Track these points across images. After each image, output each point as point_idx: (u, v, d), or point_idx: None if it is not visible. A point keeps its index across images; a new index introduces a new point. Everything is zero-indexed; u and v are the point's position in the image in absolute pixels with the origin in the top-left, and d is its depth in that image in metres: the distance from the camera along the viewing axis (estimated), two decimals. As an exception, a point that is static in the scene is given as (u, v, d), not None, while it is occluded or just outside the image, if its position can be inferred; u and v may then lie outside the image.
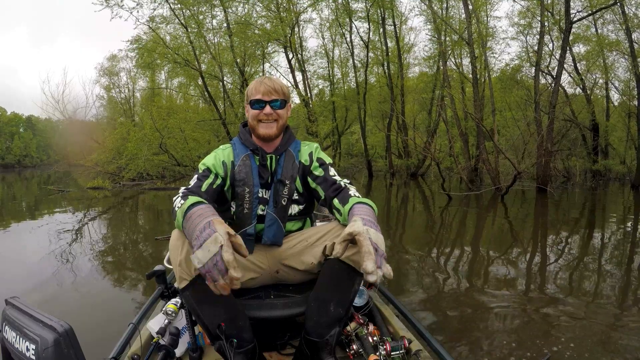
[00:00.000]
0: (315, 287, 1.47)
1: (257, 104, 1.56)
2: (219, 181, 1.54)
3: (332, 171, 1.59)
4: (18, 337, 1.04)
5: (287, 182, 1.57)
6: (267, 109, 1.54)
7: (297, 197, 1.62)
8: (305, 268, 1.56)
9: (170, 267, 1.65)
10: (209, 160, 1.57)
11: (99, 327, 2.51)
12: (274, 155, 1.61)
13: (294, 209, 1.63)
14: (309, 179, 1.61)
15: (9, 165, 53.22)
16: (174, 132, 15.40)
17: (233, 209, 1.59)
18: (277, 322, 1.70)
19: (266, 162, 1.58)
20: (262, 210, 1.58)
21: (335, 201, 1.47)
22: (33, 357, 0.99)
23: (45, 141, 55.08)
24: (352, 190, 1.47)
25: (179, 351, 1.59)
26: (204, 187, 1.48)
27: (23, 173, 38.14)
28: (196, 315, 1.40)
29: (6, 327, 1.09)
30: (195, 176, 1.53)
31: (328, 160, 1.65)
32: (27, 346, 1.01)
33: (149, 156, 15.29)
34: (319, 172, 1.58)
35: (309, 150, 1.66)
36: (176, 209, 1.31)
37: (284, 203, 1.57)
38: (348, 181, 1.55)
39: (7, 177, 28.99)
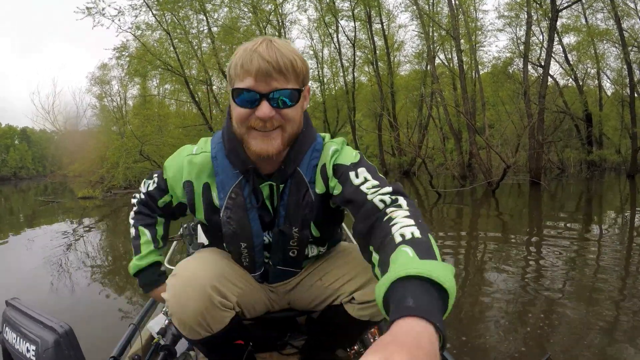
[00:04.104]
0: (318, 332, 1.31)
1: (245, 96, 0.88)
2: (175, 202, 1.13)
3: (357, 179, 0.92)
4: (18, 338, 1.04)
5: (295, 230, 1.03)
6: (264, 107, 0.87)
7: (314, 239, 1.10)
8: (320, 307, 1.21)
9: (171, 267, 1.42)
10: (169, 171, 1.08)
11: (99, 328, 2.52)
12: (274, 184, 1.01)
13: (312, 250, 1.15)
14: (332, 203, 1.04)
15: (6, 178, 52.84)
16: (154, 139, 15.32)
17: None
18: (277, 322, 1.71)
19: (262, 197, 1.02)
20: (267, 259, 1.12)
21: (370, 242, 0.80)
22: (33, 358, 0.99)
23: (40, 152, 54.92)
24: (398, 220, 0.74)
25: (179, 352, 1.59)
26: (160, 203, 1.15)
27: (20, 185, 37.99)
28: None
29: (6, 328, 1.09)
30: (156, 179, 1.14)
31: (349, 160, 0.97)
32: (27, 347, 1.01)
33: (128, 164, 15.27)
34: (338, 190, 0.96)
35: (323, 162, 1.01)
36: (132, 237, 1.20)
37: (292, 255, 1.09)
38: (391, 190, 0.85)
39: (3, 190, 28.85)
